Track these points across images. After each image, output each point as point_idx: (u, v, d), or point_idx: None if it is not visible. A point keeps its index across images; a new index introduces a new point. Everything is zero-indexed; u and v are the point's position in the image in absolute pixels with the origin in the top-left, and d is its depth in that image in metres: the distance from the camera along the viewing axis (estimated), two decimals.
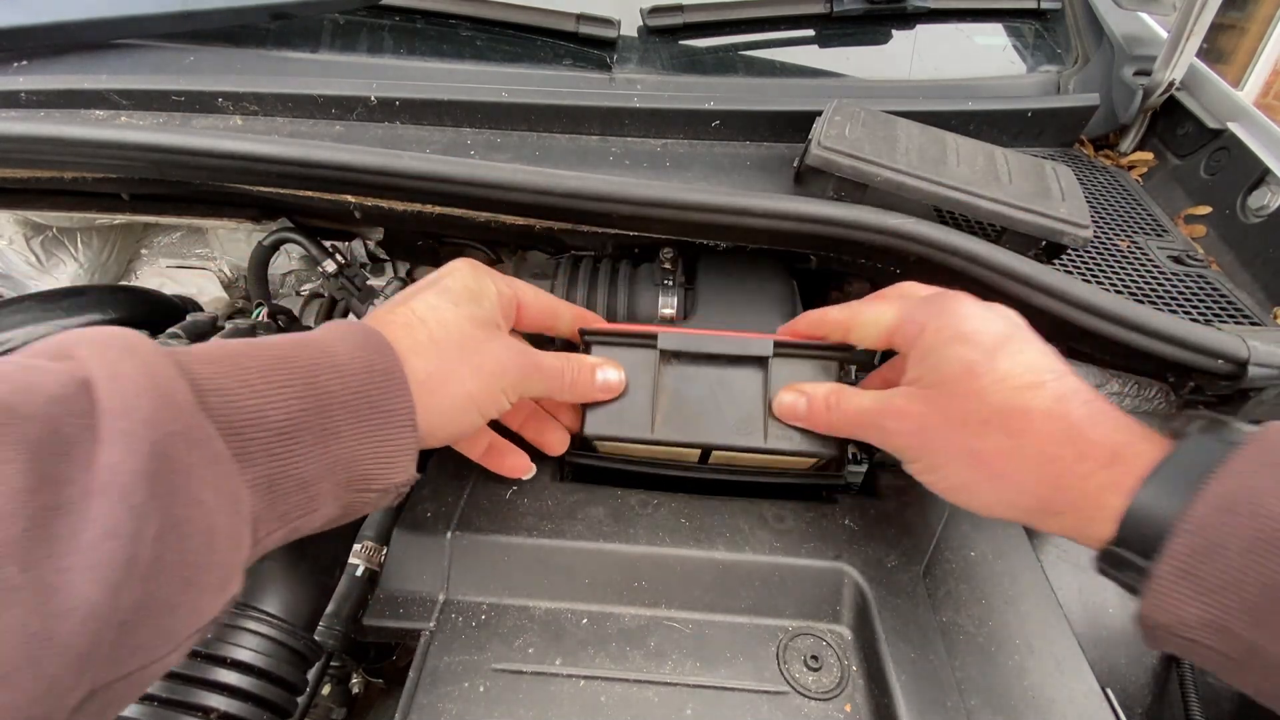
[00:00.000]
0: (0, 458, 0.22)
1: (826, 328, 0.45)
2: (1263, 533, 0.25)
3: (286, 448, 0.30)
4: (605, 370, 0.44)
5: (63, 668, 0.22)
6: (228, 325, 0.59)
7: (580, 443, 0.49)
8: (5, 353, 0.54)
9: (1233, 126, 0.64)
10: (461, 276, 0.42)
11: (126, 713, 0.34)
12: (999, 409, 0.34)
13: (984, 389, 0.35)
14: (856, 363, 0.52)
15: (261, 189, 0.56)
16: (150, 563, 0.24)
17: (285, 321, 0.69)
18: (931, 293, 0.42)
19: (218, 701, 0.35)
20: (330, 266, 0.65)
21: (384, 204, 0.56)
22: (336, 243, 0.71)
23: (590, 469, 0.50)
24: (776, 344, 0.45)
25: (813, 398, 0.43)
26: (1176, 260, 0.59)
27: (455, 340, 0.39)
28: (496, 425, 0.47)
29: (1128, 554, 0.29)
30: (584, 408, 0.46)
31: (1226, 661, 0.27)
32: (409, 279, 0.65)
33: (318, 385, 0.32)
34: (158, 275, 0.84)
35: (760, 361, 0.46)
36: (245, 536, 0.29)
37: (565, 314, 0.48)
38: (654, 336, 0.46)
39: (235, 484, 0.28)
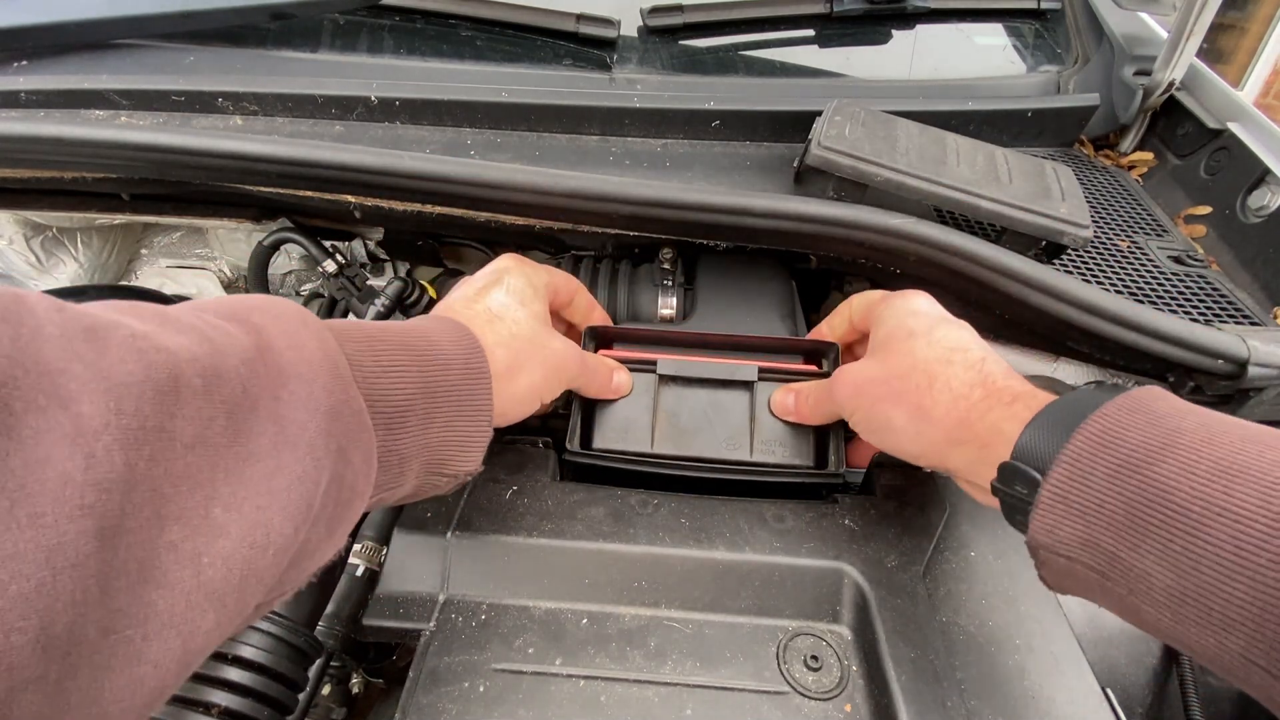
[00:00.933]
0: (207, 414, 0.24)
1: (836, 320, 0.51)
2: (1122, 461, 0.30)
3: (400, 424, 0.34)
4: (619, 375, 0.51)
5: (259, 593, 0.26)
6: None
7: (582, 440, 0.49)
8: None
9: (1233, 126, 0.64)
10: (521, 276, 0.47)
11: None
12: (927, 359, 0.40)
13: (917, 347, 0.41)
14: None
15: (261, 189, 0.56)
16: (319, 509, 0.28)
17: None
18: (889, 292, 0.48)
19: (220, 697, 0.35)
20: (330, 266, 0.65)
21: (384, 204, 0.56)
22: (336, 243, 0.71)
23: (590, 469, 0.50)
24: (761, 369, 0.51)
25: (799, 394, 0.50)
26: (1176, 260, 0.59)
27: (527, 336, 0.44)
28: None
29: (1021, 465, 0.34)
30: (593, 426, 0.50)
31: (1096, 576, 0.31)
32: (409, 279, 0.65)
33: (428, 373, 0.36)
34: (158, 275, 0.84)
35: (747, 385, 0.51)
36: (368, 497, 0.33)
37: (595, 314, 0.55)
38: (654, 363, 0.51)
39: (371, 447, 0.32)
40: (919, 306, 0.44)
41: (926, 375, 0.40)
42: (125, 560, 0.21)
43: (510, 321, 0.43)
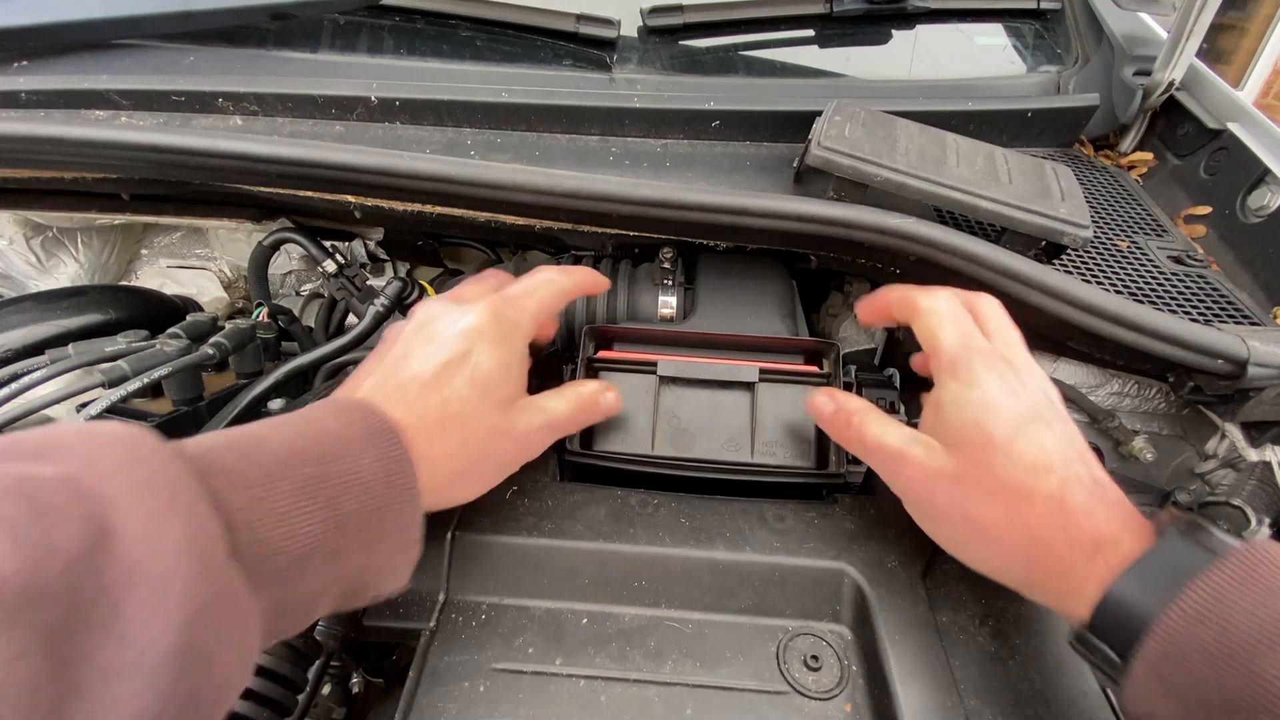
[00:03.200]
0: (16, 651, 0.19)
1: (897, 307, 0.45)
2: (1226, 647, 0.27)
3: (299, 572, 0.30)
4: (606, 397, 0.46)
5: None
6: (228, 325, 0.59)
7: (582, 441, 0.50)
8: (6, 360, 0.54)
9: (1233, 126, 0.64)
10: (493, 352, 0.40)
11: None
12: (1005, 485, 0.36)
13: (995, 464, 0.36)
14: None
15: (261, 189, 0.56)
16: None
17: (286, 321, 0.69)
18: (981, 344, 0.41)
19: None
20: (330, 266, 0.65)
21: (384, 204, 0.56)
22: (336, 243, 0.71)
23: (590, 469, 0.50)
24: (762, 370, 0.50)
25: (841, 408, 0.43)
26: (1176, 260, 0.59)
27: (483, 438, 0.39)
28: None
29: (1098, 642, 0.32)
30: (594, 427, 0.50)
31: None
32: (409, 279, 0.65)
33: (339, 507, 0.31)
34: (158, 275, 0.84)
35: (748, 386, 0.51)
36: (250, 669, 0.28)
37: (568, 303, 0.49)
38: (654, 364, 0.50)
39: (252, 629, 0.27)
40: (996, 398, 0.37)
41: (1004, 508, 0.36)
42: None
43: (465, 421, 0.38)
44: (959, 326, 0.42)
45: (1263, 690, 0.26)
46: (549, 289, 0.46)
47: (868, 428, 0.42)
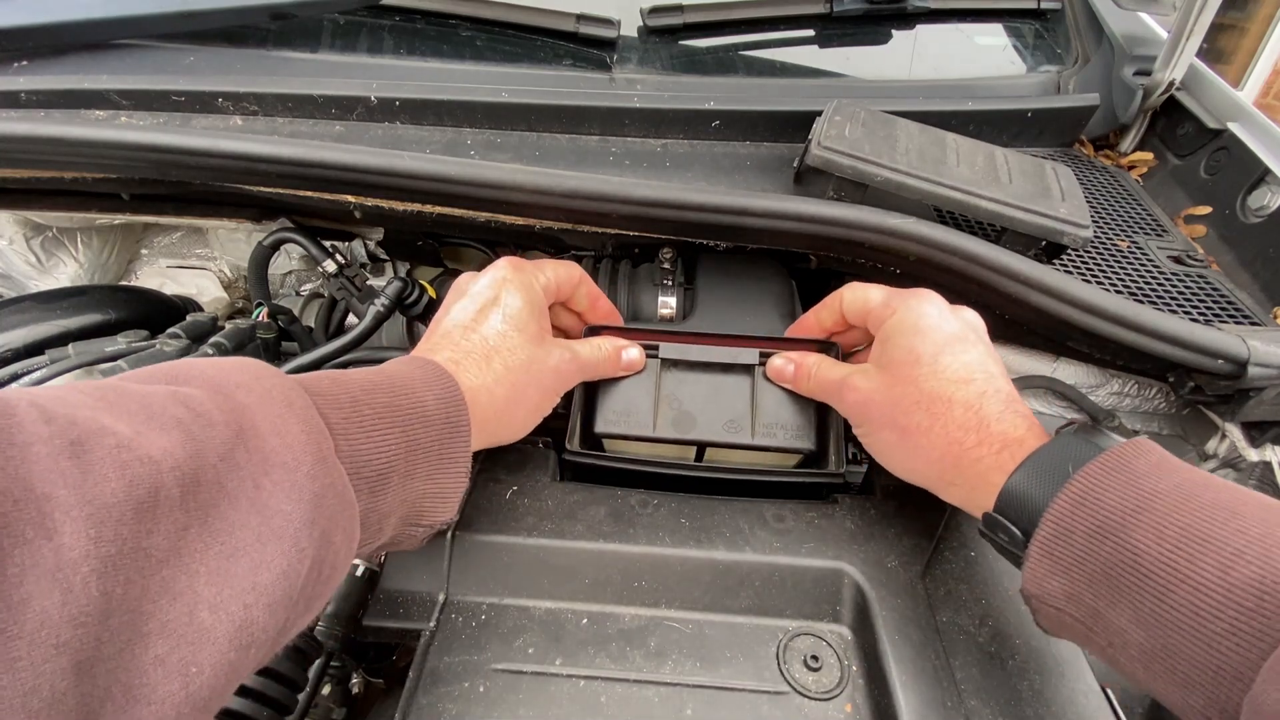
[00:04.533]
0: (182, 523, 0.24)
1: (824, 313, 0.50)
2: (1101, 522, 0.32)
3: (382, 486, 0.34)
4: (629, 352, 0.50)
5: (239, 682, 0.27)
6: (228, 325, 0.59)
7: (585, 440, 0.49)
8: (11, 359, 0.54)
9: (1233, 126, 0.64)
10: (519, 293, 0.46)
11: None
12: (928, 394, 0.40)
13: (921, 376, 0.41)
14: None
15: (261, 189, 0.56)
16: (299, 593, 0.28)
17: (286, 321, 0.69)
18: (908, 290, 0.47)
19: None
20: (330, 266, 0.65)
21: (384, 204, 0.56)
22: (336, 243, 0.71)
23: (590, 469, 0.50)
24: (762, 354, 0.51)
25: (800, 365, 0.49)
26: (1176, 260, 0.59)
27: (523, 364, 0.44)
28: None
29: (1005, 521, 0.36)
30: (595, 409, 0.50)
31: (1082, 628, 0.33)
32: (409, 279, 0.65)
33: (410, 433, 0.36)
34: (158, 275, 0.84)
35: (748, 369, 0.51)
36: (351, 557, 0.33)
37: (600, 304, 0.54)
38: (656, 347, 0.51)
39: (355, 520, 0.32)
40: (926, 322, 0.43)
41: (928, 413, 0.40)
42: (108, 686, 0.22)
43: (506, 352, 0.43)
44: (879, 287, 0.48)
45: (1128, 553, 0.30)
46: (559, 266, 0.50)
47: (820, 371, 0.47)
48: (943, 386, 0.40)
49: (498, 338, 0.44)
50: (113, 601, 0.22)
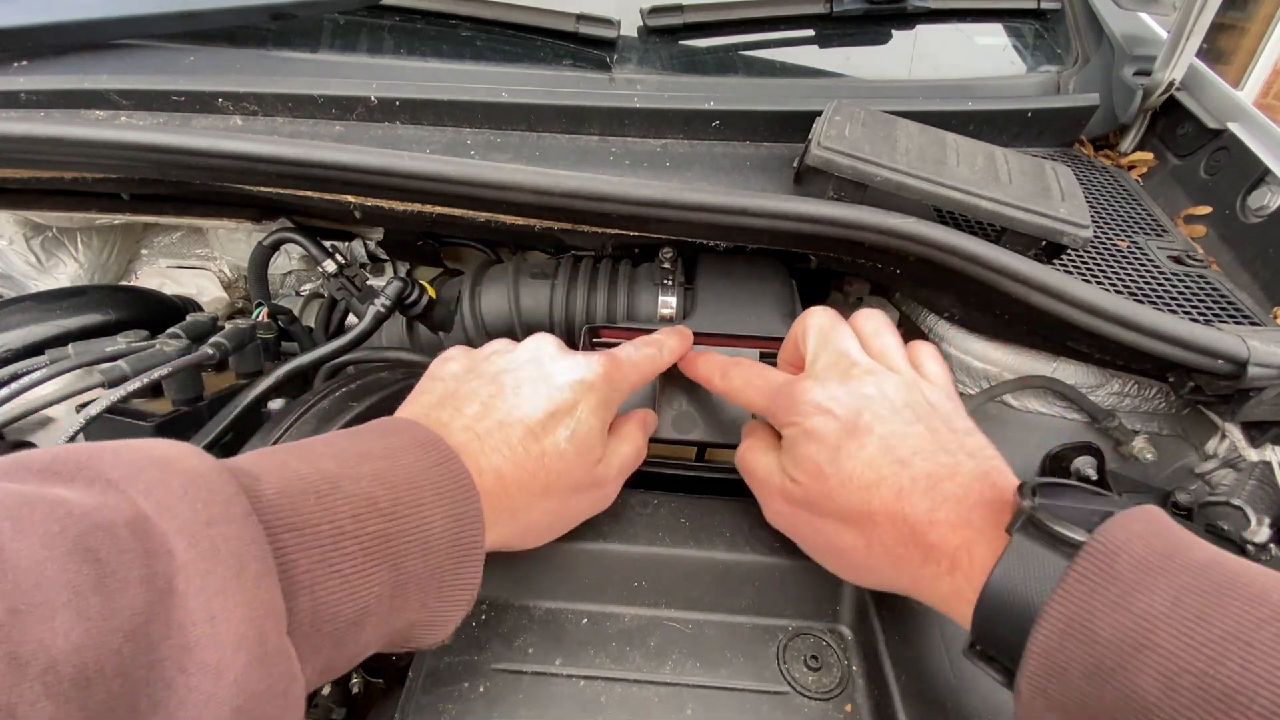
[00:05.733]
0: None
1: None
2: (1098, 660, 0.26)
3: (354, 633, 0.28)
4: (648, 419, 0.48)
5: None
6: (228, 325, 0.59)
7: None
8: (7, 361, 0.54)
9: (1233, 126, 0.64)
10: (595, 415, 0.40)
11: None
12: (848, 510, 0.36)
13: (832, 490, 0.36)
14: None
15: (261, 189, 0.56)
16: None
17: (286, 321, 0.69)
18: (783, 381, 0.42)
19: None
20: (330, 266, 0.65)
21: (384, 204, 0.56)
22: (336, 243, 0.71)
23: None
24: (762, 354, 0.51)
25: (745, 432, 0.46)
26: (1176, 260, 0.59)
27: (574, 497, 0.40)
28: None
29: (984, 665, 0.32)
30: None
31: None
32: (409, 279, 0.65)
33: (402, 567, 0.30)
34: (158, 275, 0.84)
35: None
36: None
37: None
38: None
39: (298, 710, 0.26)
40: (812, 426, 0.37)
41: (857, 531, 0.36)
42: None
43: (560, 478, 0.38)
44: (757, 389, 0.43)
45: (1137, 701, 0.25)
46: (653, 366, 0.46)
47: (748, 455, 0.44)
48: (858, 497, 0.35)
49: (557, 458, 0.37)
50: None
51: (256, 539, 0.24)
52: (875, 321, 0.44)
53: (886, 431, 0.36)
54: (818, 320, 0.43)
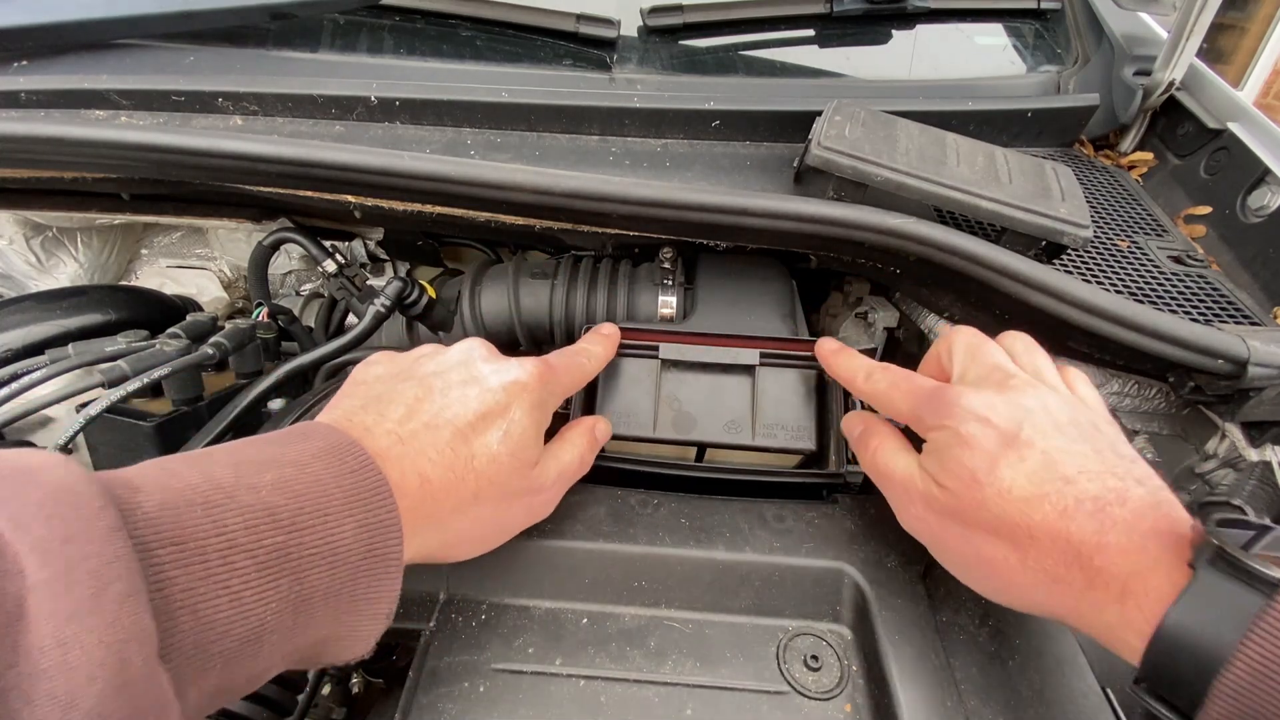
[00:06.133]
0: None
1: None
2: None
3: (250, 652, 0.26)
4: (600, 427, 0.47)
5: None
6: (228, 325, 0.59)
7: None
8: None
9: (1233, 126, 0.64)
10: (528, 416, 0.38)
11: None
12: (1003, 522, 0.34)
13: (987, 499, 0.34)
14: None
15: (261, 189, 0.56)
16: None
17: (286, 321, 0.69)
18: (934, 386, 0.40)
19: None
20: (330, 266, 0.65)
21: (384, 204, 0.56)
22: (336, 243, 0.71)
23: (590, 469, 0.50)
24: (762, 354, 0.51)
25: (865, 430, 0.44)
26: (1176, 260, 0.59)
27: (507, 501, 0.38)
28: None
29: (1155, 704, 0.30)
30: (596, 410, 0.50)
31: None
32: (409, 279, 0.65)
33: (305, 581, 0.27)
34: (158, 275, 0.84)
35: (748, 369, 0.51)
36: None
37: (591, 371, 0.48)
38: (656, 347, 0.51)
39: None
40: (968, 432, 0.35)
41: (1011, 545, 0.33)
42: None
43: (491, 484, 0.36)
44: (903, 392, 0.41)
45: None
46: (582, 372, 0.46)
47: (880, 456, 0.41)
48: (1015, 509, 0.33)
49: (488, 461, 0.36)
50: None
51: (121, 555, 0.22)
52: (1025, 341, 0.42)
53: (1050, 446, 0.34)
54: (964, 337, 0.42)
